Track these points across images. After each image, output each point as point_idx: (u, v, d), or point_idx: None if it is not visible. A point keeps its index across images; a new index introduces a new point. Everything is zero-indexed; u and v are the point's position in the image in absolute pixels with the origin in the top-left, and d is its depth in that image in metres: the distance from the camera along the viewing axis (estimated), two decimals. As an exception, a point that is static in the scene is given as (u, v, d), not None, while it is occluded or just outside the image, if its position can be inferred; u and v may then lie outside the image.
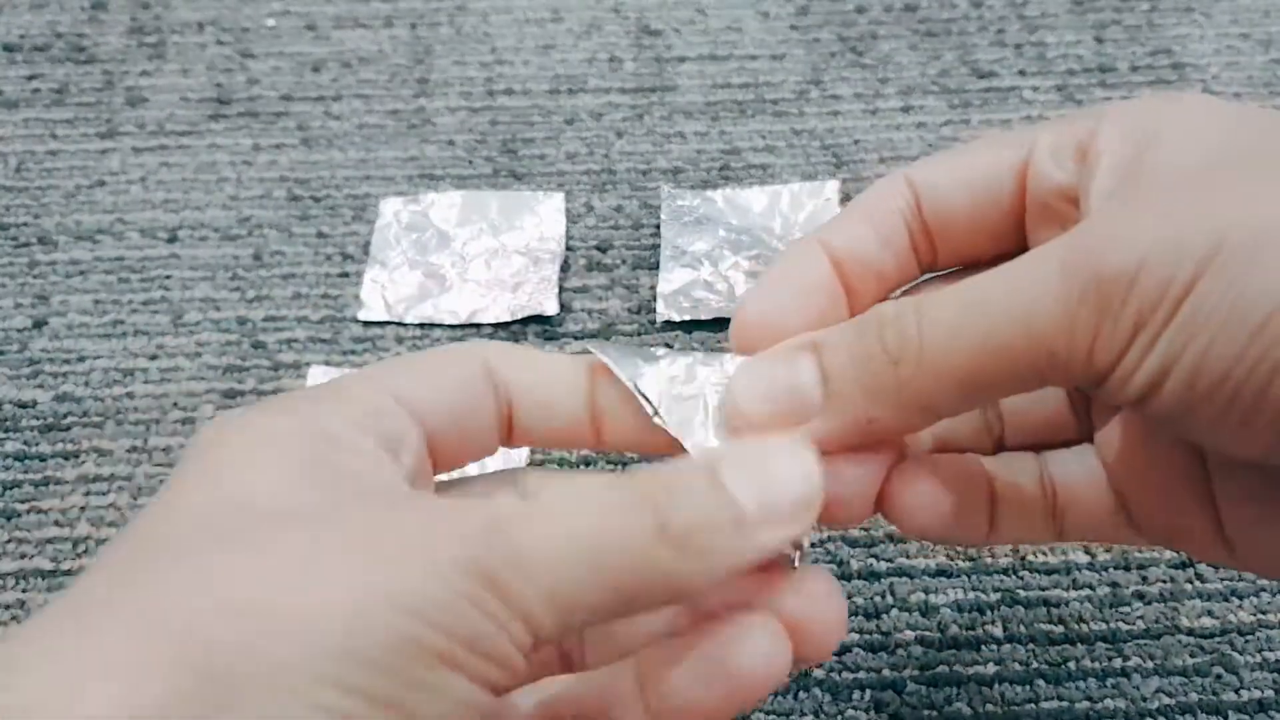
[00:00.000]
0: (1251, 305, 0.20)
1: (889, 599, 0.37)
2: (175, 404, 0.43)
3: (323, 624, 0.19)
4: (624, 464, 0.41)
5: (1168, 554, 0.38)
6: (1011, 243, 0.27)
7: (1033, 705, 0.35)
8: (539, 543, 0.21)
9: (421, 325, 0.46)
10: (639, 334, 0.45)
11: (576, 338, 0.45)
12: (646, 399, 0.25)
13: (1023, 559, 0.38)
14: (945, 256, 0.28)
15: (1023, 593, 0.37)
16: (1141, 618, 0.37)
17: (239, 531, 0.20)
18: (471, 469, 0.27)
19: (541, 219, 0.49)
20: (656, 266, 0.48)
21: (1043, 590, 0.37)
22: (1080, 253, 0.22)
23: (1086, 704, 0.35)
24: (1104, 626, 0.37)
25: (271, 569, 0.19)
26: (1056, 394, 0.29)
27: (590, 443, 0.27)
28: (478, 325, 0.46)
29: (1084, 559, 0.38)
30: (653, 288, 0.47)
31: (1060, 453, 0.28)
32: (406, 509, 0.21)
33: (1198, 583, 0.38)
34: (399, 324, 0.46)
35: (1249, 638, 0.36)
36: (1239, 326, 0.20)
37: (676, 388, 0.26)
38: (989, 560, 0.38)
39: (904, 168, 0.28)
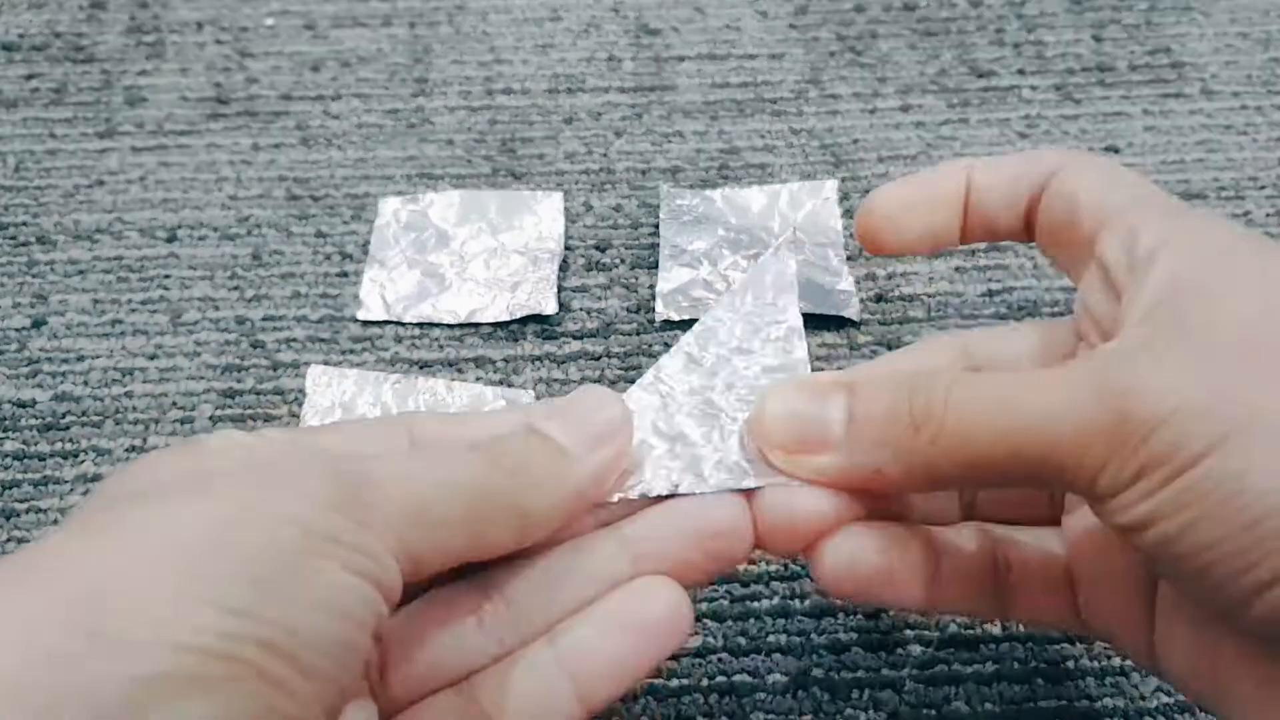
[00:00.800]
0: (1245, 502, 0.21)
1: (888, 598, 0.37)
2: (174, 403, 0.43)
3: (182, 548, 0.20)
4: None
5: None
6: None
7: (1031, 704, 0.35)
8: (391, 468, 0.23)
9: (420, 325, 0.46)
10: (638, 333, 0.45)
11: (576, 337, 0.45)
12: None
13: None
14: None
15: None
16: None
17: (136, 495, 0.22)
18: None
19: (540, 218, 0.49)
20: (655, 266, 0.48)
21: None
22: (1113, 393, 0.23)
23: (1085, 703, 0.35)
24: (1103, 625, 0.37)
25: (157, 513, 0.21)
26: None
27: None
28: (476, 324, 0.46)
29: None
30: (652, 287, 0.47)
31: (1022, 531, 0.30)
32: (276, 452, 0.24)
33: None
34: (398, 323, 0.46)
35: (1247, 636, 0.36)
36: (1230, 516, 0.21)
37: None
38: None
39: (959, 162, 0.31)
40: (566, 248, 0.49)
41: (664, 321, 0.46)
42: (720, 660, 0.36)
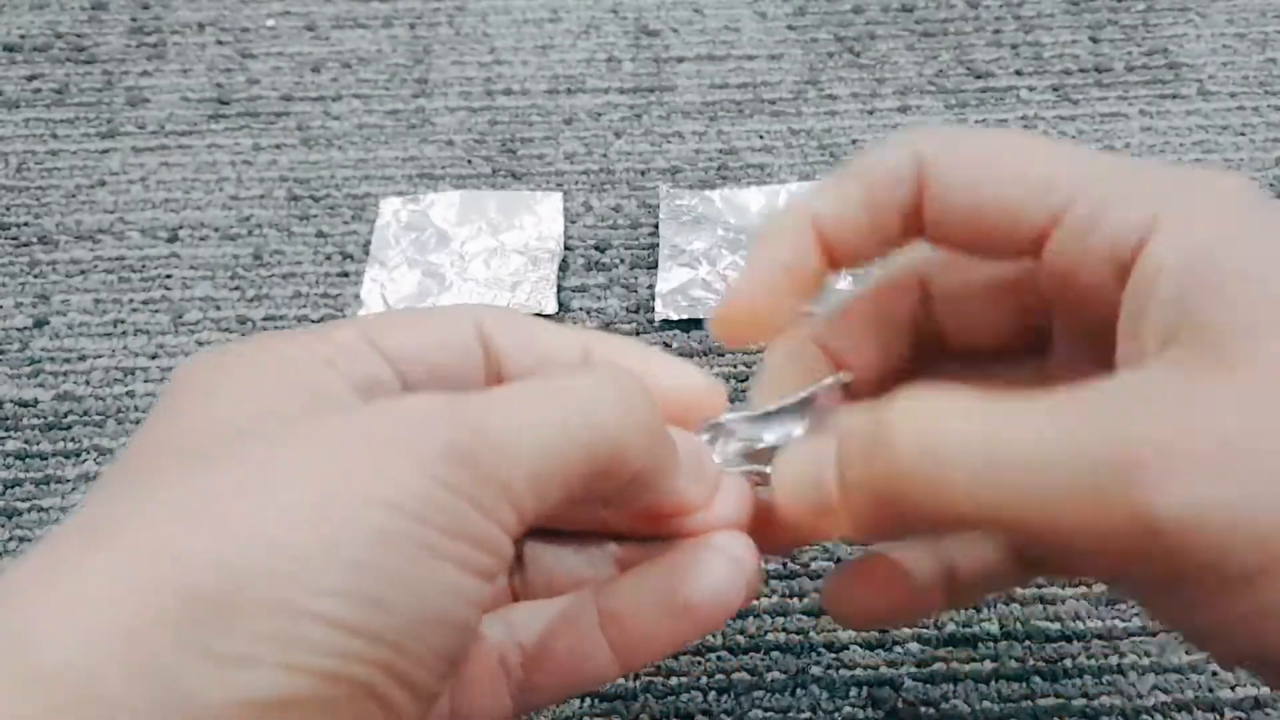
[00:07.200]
0: None
1: (886, 596, 0.38)
2: (176, 403, 0.43)
3: (294, 530, 0.18)
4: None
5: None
6: (1006, 257, 0.25)
7: (1029, 702, 0.35)
8: (513, 418, 0.21)
9: (421, 324, 0.46)
10: (638, 333, 0.46)
11: (575, 337, 0.46)
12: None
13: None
14: (934, 239, 0.26)
15: (1019, 590, 0.38)
16: (1137, 614, 0.37)
17: (215, 450, 0.20)
18: None
19: (540, 218, 0.49)
20: (655, 266, 0.48)
21: (1039, 587, 0.38)
22: (1122, 445, 0.19)
23: (1083, 701, 0.35)
24: (1100, 624, 0.37)
25: (245, 483, 0.19)
26: None
27: None
28: (477, 324, 0.46)
29: (1080, 556, 0.38)
30: (651, 287, 0.47)
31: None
32: (373, 407, 0.21)
33: (1193, 580, 0.38)
34: (398, 323, 0.46)
35: (1244, 634, 0.36)
36: None
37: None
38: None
39: (916, 134, 0.25)
40: (566, 248, 0.49)
41: (663, 321, 0.46)
42: (719, 658, 0.36)
